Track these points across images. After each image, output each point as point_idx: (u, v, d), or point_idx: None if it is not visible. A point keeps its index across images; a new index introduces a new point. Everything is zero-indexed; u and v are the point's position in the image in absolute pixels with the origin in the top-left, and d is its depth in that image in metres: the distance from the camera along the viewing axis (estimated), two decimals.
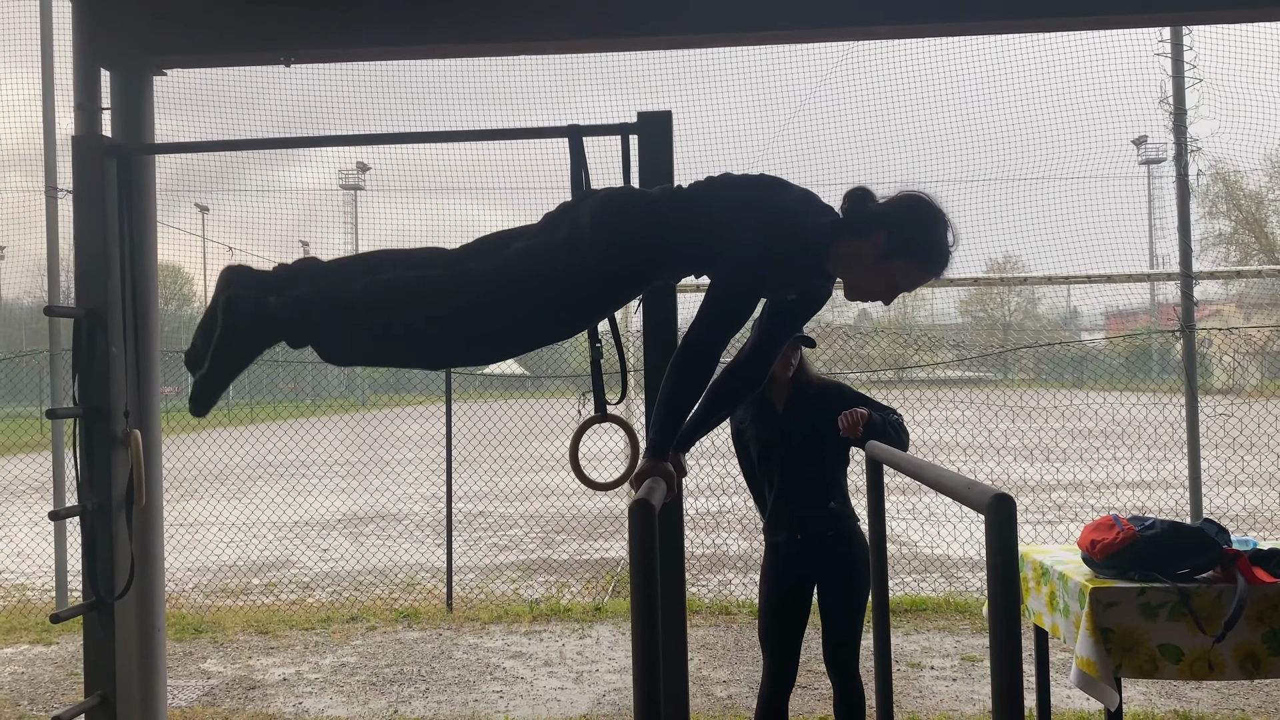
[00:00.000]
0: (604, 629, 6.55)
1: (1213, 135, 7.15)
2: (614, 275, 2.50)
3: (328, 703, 5.23)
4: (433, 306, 2.44)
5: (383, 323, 2.48)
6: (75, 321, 3.39)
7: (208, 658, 6.12)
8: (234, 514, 11.95)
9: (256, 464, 17.23)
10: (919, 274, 2.42)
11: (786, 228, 2.38)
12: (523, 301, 2.45)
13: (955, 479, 2.07)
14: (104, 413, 3.37)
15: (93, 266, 3.41)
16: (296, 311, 2.52)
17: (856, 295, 2.50)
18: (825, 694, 5.05)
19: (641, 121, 3.28)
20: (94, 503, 3.35)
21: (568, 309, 2.53)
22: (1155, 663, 3.61)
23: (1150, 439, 14.17)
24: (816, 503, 3.75)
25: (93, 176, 3.44)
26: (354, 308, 2.48)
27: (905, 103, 10.19)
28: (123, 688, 3.45)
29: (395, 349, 2.57)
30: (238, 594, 8.00)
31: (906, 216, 2.39)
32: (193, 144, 3.86)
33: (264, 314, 2.52)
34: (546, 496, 13.57)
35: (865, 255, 2.41)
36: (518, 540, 10.31)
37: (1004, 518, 1.79)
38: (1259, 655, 3.60)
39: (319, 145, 4.09)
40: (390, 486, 14.59)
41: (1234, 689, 5.00)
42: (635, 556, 1.86)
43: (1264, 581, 3.61)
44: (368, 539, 10.57)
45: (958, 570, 8.17)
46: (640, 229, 2.46)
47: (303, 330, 2.54)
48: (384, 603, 7.49)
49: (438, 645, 6.27)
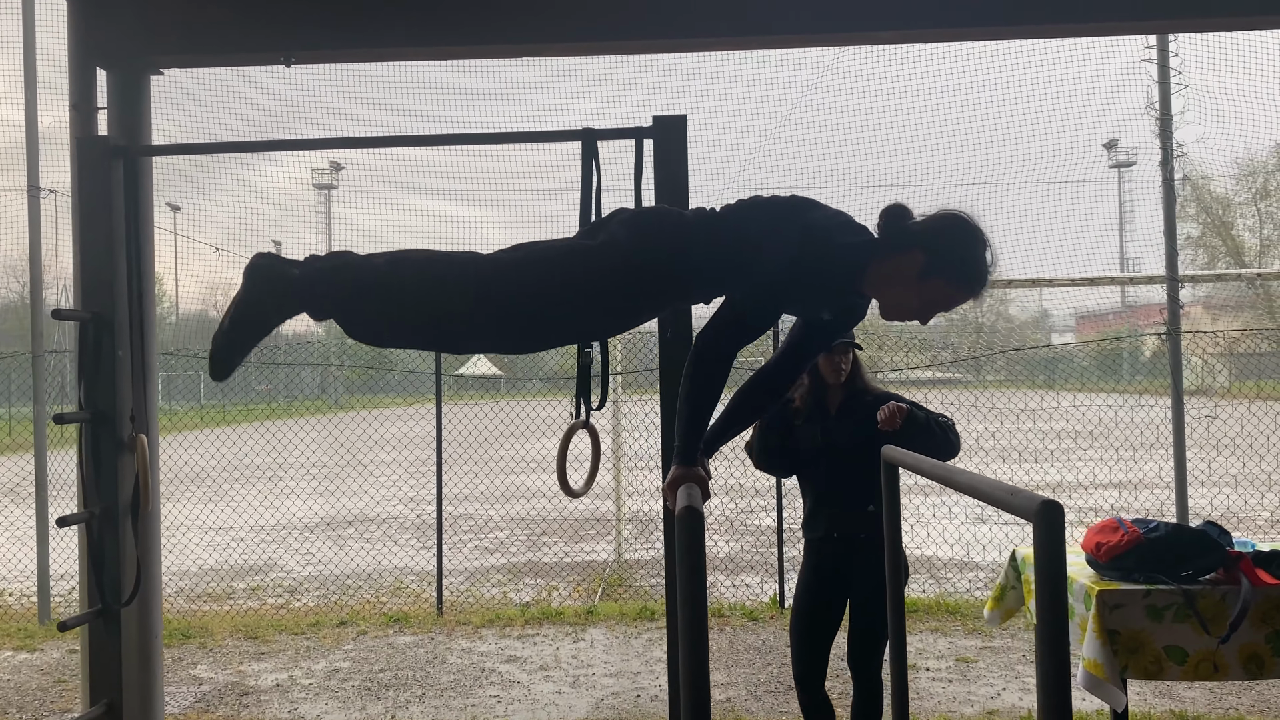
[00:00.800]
0: (597, 632, 6.54)
1: (1198, 140, 7.24)
2: (638, 288, 2.48)
3: (323, 708, 5.18)
4: (461, 284, 2.41)
5: (409, 297, 2.44)
6: (80, 325, 3.34)
7: (198, 664, 6.04)
8: (213, 517, 11.82)
9: (232, 466, 17.06)
10: (957, 294, 2.39)
11: (818, 247, 2.35)
12: (550, 293, 2.42)
13: (995, 486, 2.06)
14: (110, 418, 3.33)
15: (98, 269, 3.36)
16: (320, 280, 2.48)
17: (892, 315, 2.47)
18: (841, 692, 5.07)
19: (656, 125, 3.27)
20: (100, 508, 3.30)
21: (588, 313, 2.51)
22: (1161, 664, 3.65)
23: (1124, 440, 14.35)
24: (856, 505, 3.77)
25: (98, 178, 3.39)
26: (382, 281, 2.44)
27: (885, 109, 10.25)
28: (127, 695, 3.40)
29: (420, 325, 2.51)
30: (222, 599, 7.92)
31: (945, 235, 2.36)
32: (200, 145, 3.81)
33: (285, 281, 2.49)
34: (529, 499, 13.53)
35: (902, 275, 2.37)
36: (503, 543, 10.27)
37: (1052, 524, 1.80)
38: (1262, 656, 3.65)
39: (323, 147, 4.06)
40: (369, 489, 14.49)
41: (1227, 689, 5.06)
42: (685, 563, 1.86)
43: (1267, 583, 3.65)
44: (350, 542, 10.49)
45: (944, 571, 8.22)
46: (669, 246, 2.45)
47: (325, 301, 2.50)
48: (372, 607, 7.44)
49: (430, 649, 6.23)
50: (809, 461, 3.89)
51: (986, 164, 10.98)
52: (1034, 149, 10.94)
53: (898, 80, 9.25)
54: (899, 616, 3.23)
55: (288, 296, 2.50)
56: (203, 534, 10.58)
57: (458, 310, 2.43)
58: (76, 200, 3.41)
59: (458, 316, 2.44)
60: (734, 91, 10.11)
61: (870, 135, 9.89)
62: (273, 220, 30.63)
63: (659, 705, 5.11)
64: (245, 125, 9.02)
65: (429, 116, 10.77)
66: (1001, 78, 8.98)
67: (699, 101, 9.93)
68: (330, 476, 16.31)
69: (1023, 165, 10.22)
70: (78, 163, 3.41)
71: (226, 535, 10.80)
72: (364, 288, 2.45)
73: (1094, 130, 22.20)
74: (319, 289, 2.48)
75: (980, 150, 12.29)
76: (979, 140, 11.94)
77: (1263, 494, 11.70)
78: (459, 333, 2.51)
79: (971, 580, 7.92)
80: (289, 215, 47.82)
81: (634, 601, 7.30)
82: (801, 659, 3.86)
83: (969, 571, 8.24)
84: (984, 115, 10.60)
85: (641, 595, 7.57)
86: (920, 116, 11.37)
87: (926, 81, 9.70)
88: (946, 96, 10.82)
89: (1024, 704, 4.99)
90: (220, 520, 11.59)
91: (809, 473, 3.92)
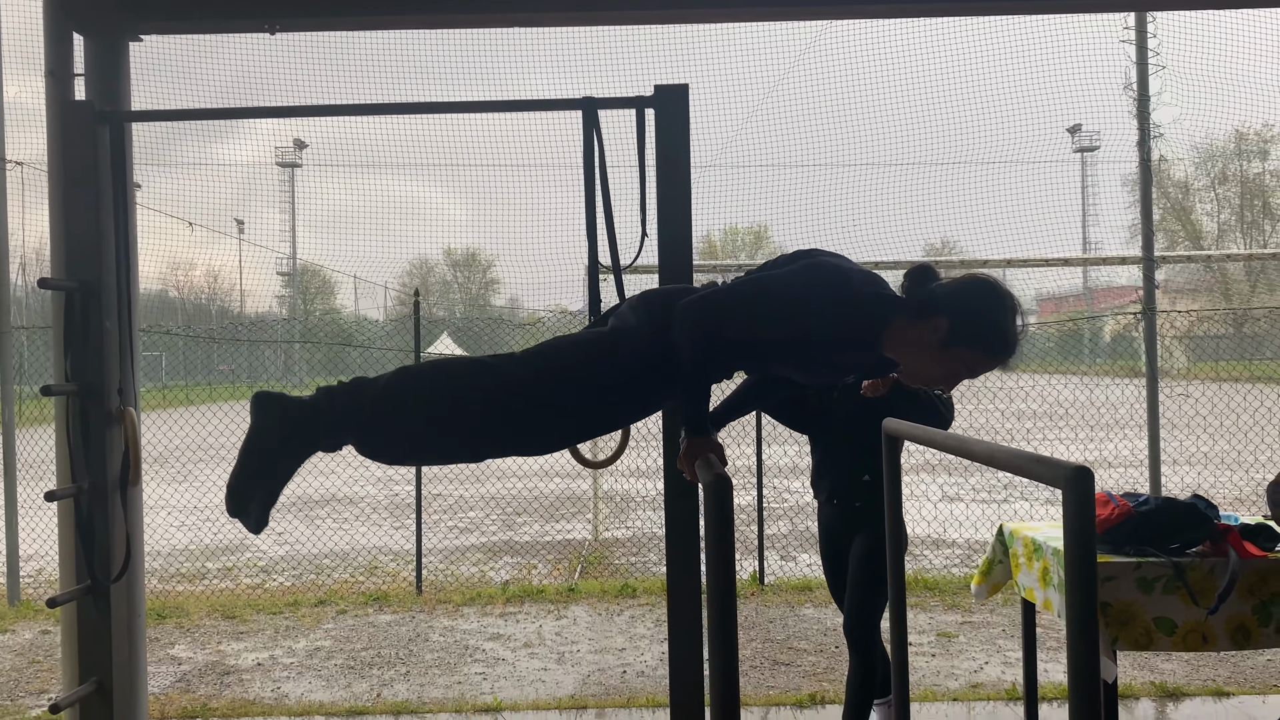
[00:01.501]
0: (579, 610, 6.53)
1: (1174, 122, 7.31)
2: (642, 378, 2.37)
3: (307, 687, 5.13)
4: (474, 380, 2.31)
5: (412, 399, 2.30)
6: (66, 296, 3.25)
7: (175, 643, 5.96)
8: (180, 497, 11.67)
9: (198, 446, 16.82)
10: (983, 363, 2.31)
11: (848, 298, 2.26)
12: (556, 380, 2.31)
13: (1018, 455, 2.06)
14: (98, 390, 3.25)
15: (83, 239, 3.27)
16: (322, 402, 2.33)
17: (914, 380, 2.41)
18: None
19: (658, 94, 3.23)
20: (89, 482, 3.22)
21: (591, 403, 2.37)
22: (1150, 635, 3.70)
23: (1085, 419, 14.56)
24: (853, 473, 3.84)
25: (84, 145, 3.29)
26: (387, 389, 2.33)
27: (862, 89, 10.26)
28: (116, 673, 3.33)
29: (429, 432, 2.34)
30: (195, 579, 7.81)
31: (972, 303, 2.27)
32: (190, 111, 3.72)
33: (289, 409, 2.32)
34: (502, 479, 13.48)
35: (925, 341, 2.28)
36: (478, 522, 10.22)
37: (1083, 491, 1.80)
38: (1249, 627, 3.71)
39: (314, 114, 3.97)
40: (338, 469, 14.34)
41: (1204, 661, 5.15)
42: (714, 530, 1.84)
43: (1254, 555, 3.71)
44: (322, 522, 10.40)
45: (919, 549, 8.29)
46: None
47: (333, 422, 2.32)
48: (349, 586, 7.38)
49: (412, 628, 6.18)
50: (817, 422, 3.96)
51: (957, 143, 11.04)
52: (1004, 130, 11.01)
53: (876, 60, 9.27)
54: (899, 587, 3.25)
55: (295, 433, 2.31)
56: (171, 514, 10.44)
57: (467, 410, 2.30)
58: (59, 168, 3.31)
59: (467, 418, 2.31)
60: (714, 70, 10.08)
61: (849, 114, 9.90)
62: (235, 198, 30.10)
63: (645, 681, 5.11)
64: (212, 97, 8.85)
65: (404, 93, 10.63)
66: (972, 58, 9.03)
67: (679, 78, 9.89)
68: None
69: (993, 145, 10.30)
70: (62, 129, 3.31)
71: (196, 515, 10.66)
72: (367, 405, 2.31)
73: (1060, 114, 22.41)
74: (322, 416, 2.33)
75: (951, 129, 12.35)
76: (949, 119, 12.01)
77: (1231, 472, 11.92)
78: (472, 439, 2.36)
79: (946, 557, 8.00)
80: (252, 193, 47.16)
81: (614, 580, 7.29)
82: (844, 611, 3.95)
83: (944, 549, 8.32)
84: (954, 95, 10.67)
85: (621, 573, 7.57)
86: (892, 97, 11.40)
87: (900, 61, 9.74)
88: (919, 76, 10.86)
89: (1007, 677, 5.05)
90: (188, 500, 11.44)
91: (815, 436, 4.01)
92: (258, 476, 2.30)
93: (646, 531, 9.33)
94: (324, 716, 4.71)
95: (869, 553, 3.77)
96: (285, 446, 2.30)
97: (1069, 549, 1.84)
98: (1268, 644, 3.75)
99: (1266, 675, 4.99)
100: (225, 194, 28.79)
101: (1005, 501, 10.60)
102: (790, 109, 9.62)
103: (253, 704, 4.89)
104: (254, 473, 2.30)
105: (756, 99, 11.95)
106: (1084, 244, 35.13)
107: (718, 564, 1.85)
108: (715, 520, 1.85)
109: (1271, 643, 3.76)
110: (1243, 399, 15.43)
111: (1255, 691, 4.75)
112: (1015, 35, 10.15)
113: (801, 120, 9.03)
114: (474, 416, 2.30)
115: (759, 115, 11.51)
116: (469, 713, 4.71)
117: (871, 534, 3.78)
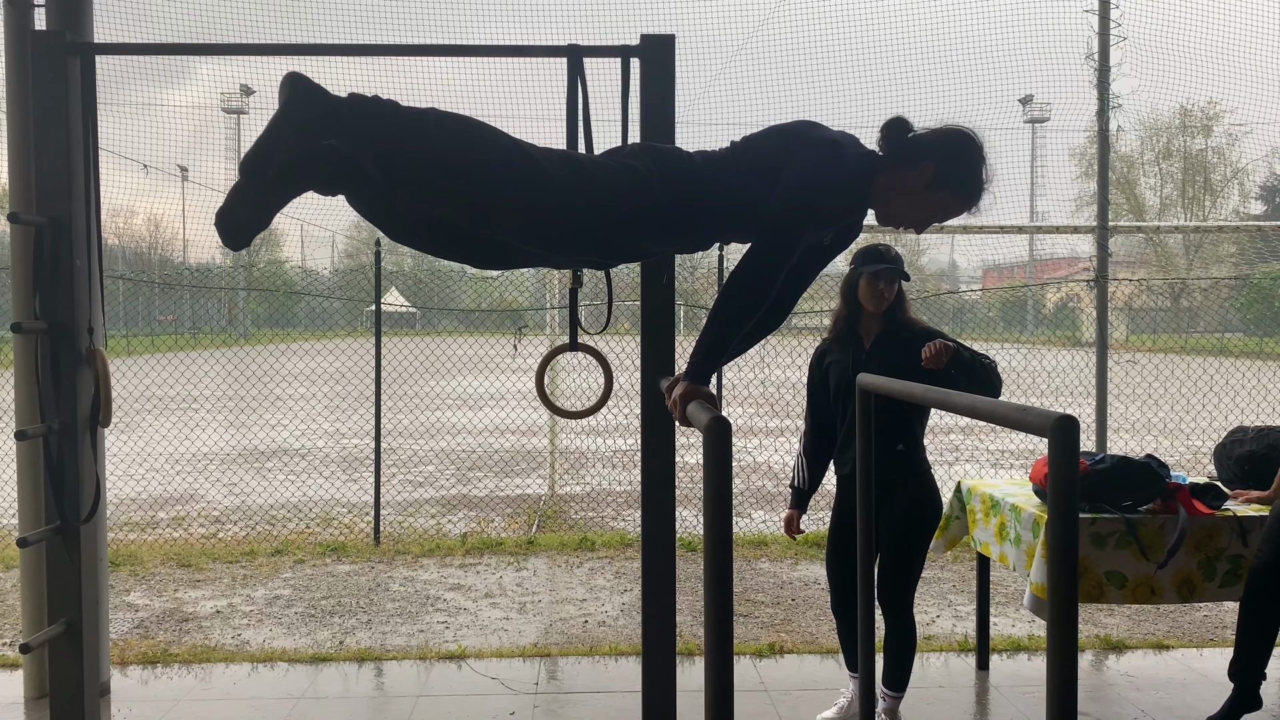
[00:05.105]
0: (539, 561, 6.58)
1: (1133, 93, 7.44)
2: (657, 219, 2.45)
3: (267, 634, 5.12)
4: (507, 162, 2.29)
5: (444, 154, 2.26)
6: (36, 231, 3.18)
7: (131, 590, 5.91)
8: (125, 446, 11.48)
9: (140, 397, 16.55)
10: (957, 207, 2.47)
11: (838, 161, 2.38)
12: (591, 191, 2.35)
13: (1003, 405, 2.12)
14: (69, 329, 3.19)
15: (55, 172, 3.20)
16: (356, 109, 2.28)
17: (890, 222, 2.52)
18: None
19: (644, 45, 3.22)
20: (59, 421, 3.18)
21: (609, 229, 2.43)
22: (1102, 588, 3.84)
23: (1036, 387, 14.86)
24: (884, 443, 3.64)
25: (53, 76, 3.20)
26: (420, 116, 2.29)
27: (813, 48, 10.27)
28: (85, 615, 3.31)
29: (448, 194, 2.30)
30: (145, 528, 7.73)
31: (957, 151, 2.42)
32: (161, 46, 3.63)
33: (326, 105, 2.27)
34: (455, 434, 13.45)
35: (910, 185, 2.43)
36: (432, 477, 10.21)
37: (1068, 438, 1.86)
38: (1194, 581, 3.87)
39: (282, 54, 3.87)
40: (286, 422, 14.21)
41: (1145, 615, 5.36)
42: (712, 473, 1.87)
43: (1202, 513, 3.87)
44: (273, 474, 10.31)
45: None
46: (680, 186, 2.43)
47: (359, 136, 2.26)
48: (305, 537, 7.35)
49: (372, 578, 6.19)
50: (839, 392, 3.88)
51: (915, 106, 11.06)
52: (959, 96, 11.08)
53: (840, 23, 9.28)
54: (868, 550, 3.33)
55: (319, 128, 2.24)
56: (117, 463, 10.27)
57: (494, 192, 2.29)
58: (30, 100, 3.23)
59: (491, 200, 2.29)
60: (683, 23, 10.01)
61: (811, 74, 9.90)
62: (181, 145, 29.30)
63: (607, 630, 5.19)
64: (167, 38, 8.59)
65: (374, 38, 10.40)
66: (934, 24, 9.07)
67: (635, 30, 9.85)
68: (244, 409, 15.94)
69: (949, 110, 10.37)
70: (32, 59, 3.22)
71: (142, 465, 10.51)
72: (398, 132, 2.27)
73: (1015, 84, 22.61)
74: (351, 123, 2.26)
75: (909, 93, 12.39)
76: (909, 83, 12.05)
77: (1172, 439, 12.28)
78: (497, 217, 2.35)
79: None
80: (198, 139, 45.91)
81: (573, 533, 7.35)
82: (834, 589, 3.98)
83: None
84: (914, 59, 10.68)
85: (579, 528, 7.63)
86: (853, 59, 11.43)
87: (862, 24, 9.75)
88: (881, 39, 10.88)
89: (959, 630, 5.20)
90: (134, 450, 11.27)
91: (839, 404, 3.89)
92: (285, 143, 2.25)
93: (602, 488, 9.40)
94: (287, 663, 4.71)
95: (905, 523, 3.73)
96: (303, 132, 2.25)
97: (1053, 494, 1.90)
98: (1211, 597, 3.91)
99: (1204, 629, 5.20)
100: (170, 140, 28.00)
101: (953, 463, 10.83)
102: (756, 70, 9.62)
103: (214, 650, 4.88)
104: (281, 139, 2.25)
105: (721, 61, 11.92)
106: (1031, 214, 35.66)
107: (716, 508, 1.88)
108: (714, 463, 1.88)
109: (1215, 596, 3.93)
110: (1183, 370, 15.87)
111: (1193, 645, 4.95)
112: (976, 3, 10.22)
113: (765, 80, 9.03)
114: (497, 173, 2.29)
115: (726, 74, 11.49)
116: (433, 660, 4.74)
117: (906, 504, 3.74)
